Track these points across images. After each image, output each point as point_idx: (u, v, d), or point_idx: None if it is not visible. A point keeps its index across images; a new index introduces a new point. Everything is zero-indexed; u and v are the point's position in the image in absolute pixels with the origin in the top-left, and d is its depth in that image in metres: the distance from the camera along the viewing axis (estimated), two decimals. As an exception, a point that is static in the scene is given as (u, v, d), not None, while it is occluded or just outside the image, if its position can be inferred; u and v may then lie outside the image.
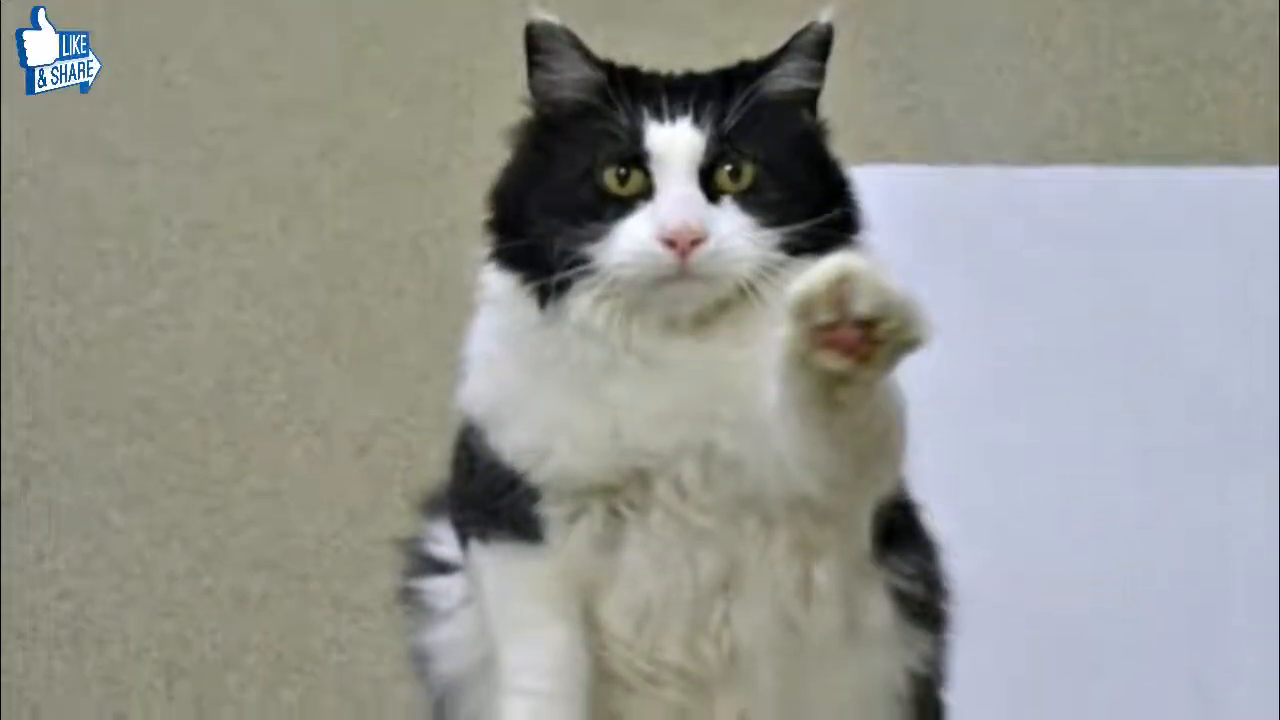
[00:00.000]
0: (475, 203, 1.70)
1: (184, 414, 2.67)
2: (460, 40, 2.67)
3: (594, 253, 1.61)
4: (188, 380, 2.68)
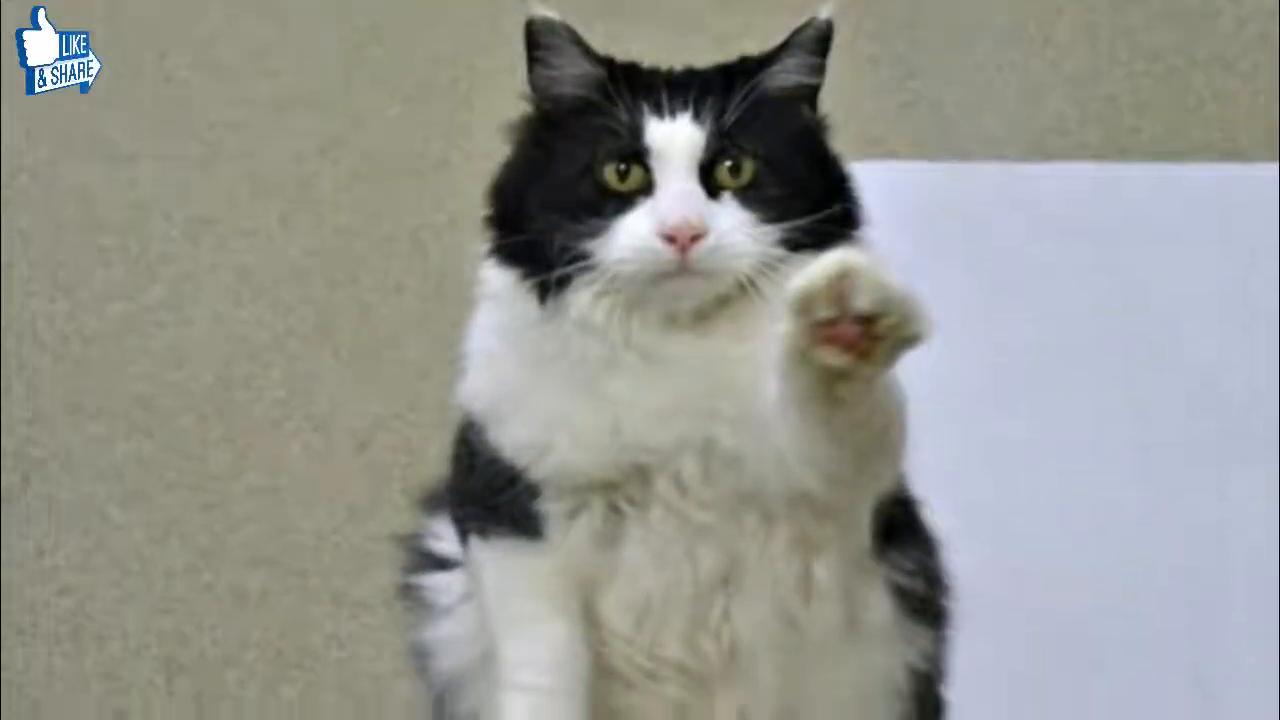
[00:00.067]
0: (475, 198, 1.70)
1: (184, 410, 2.67)
2: (460, 36, 2.67)
3: (594, 248, 1.61)
4: (187, 376, 2.68)
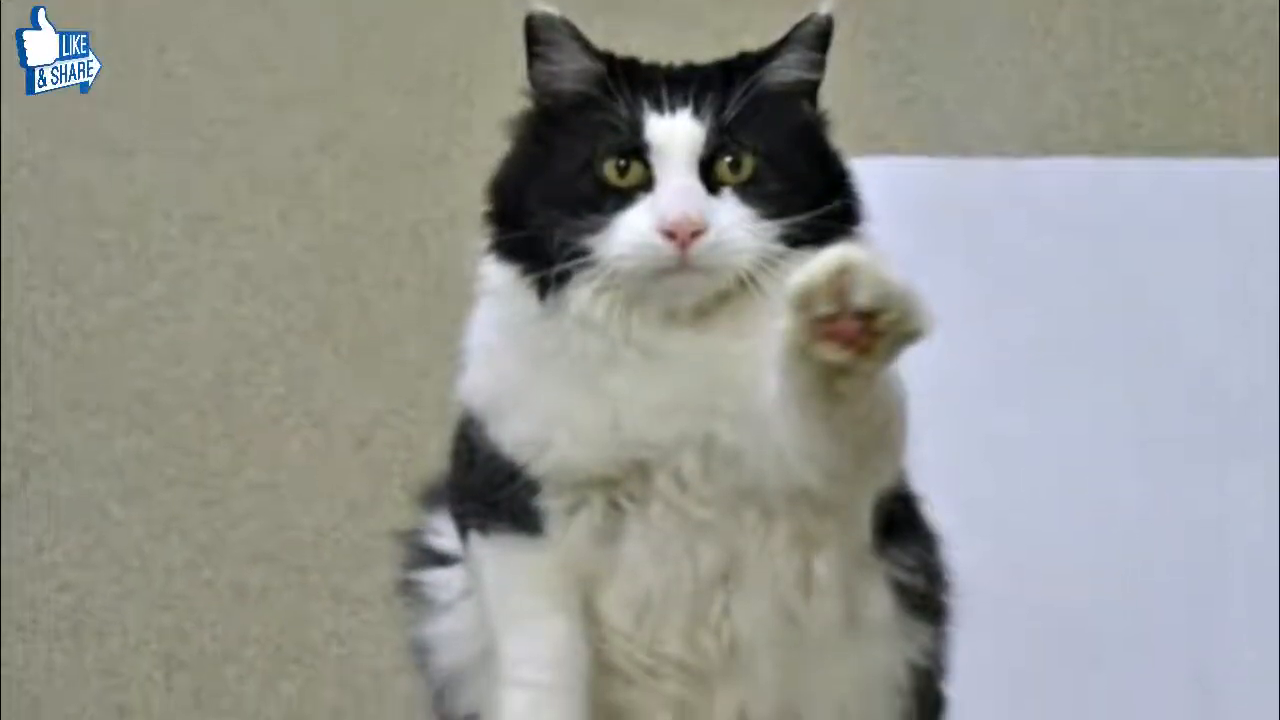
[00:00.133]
0: (475, 194, 1.70)
1: (183, 406, 2.67)
2: (460, 31, 2.67)
3: (594, 244, 1.61)
4: (187, 372, 2.68)
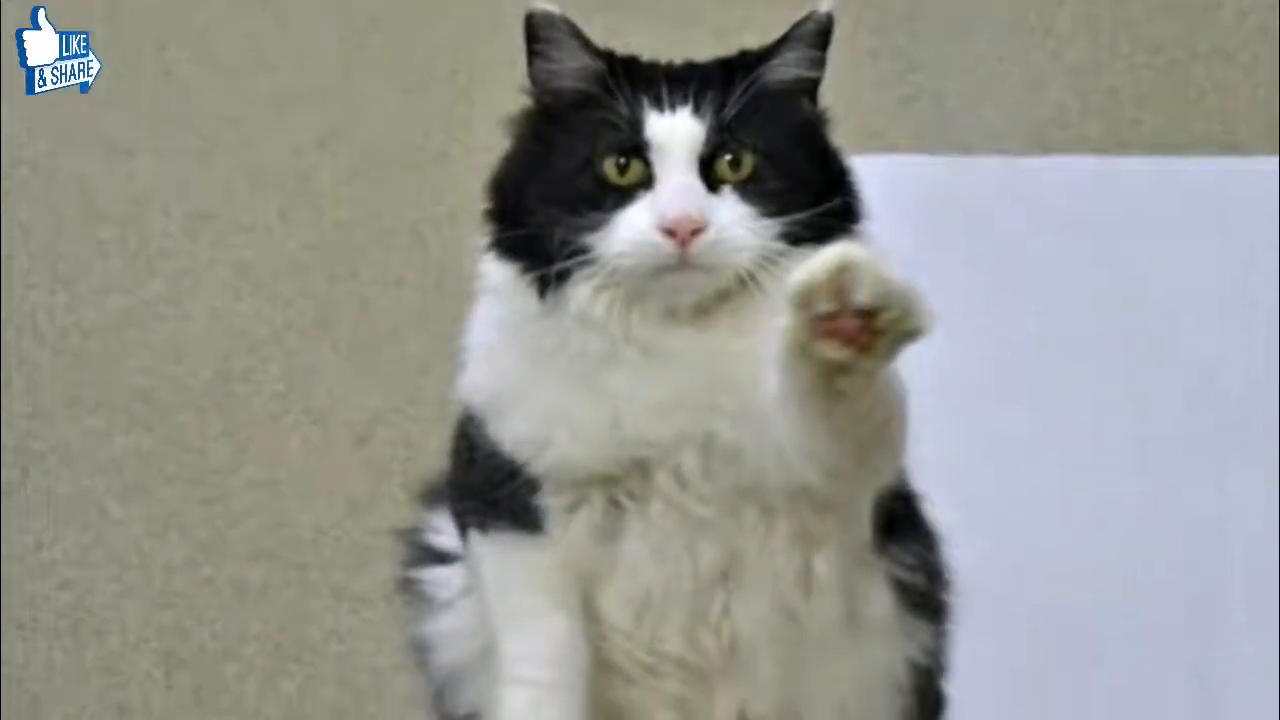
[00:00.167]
0: (475, 192, 1.70)
1: (183, 404, 2.67)
2: (459, 29, 2.67)
3: (594, 242, 1.60)
4: (186, 370, 2.67)
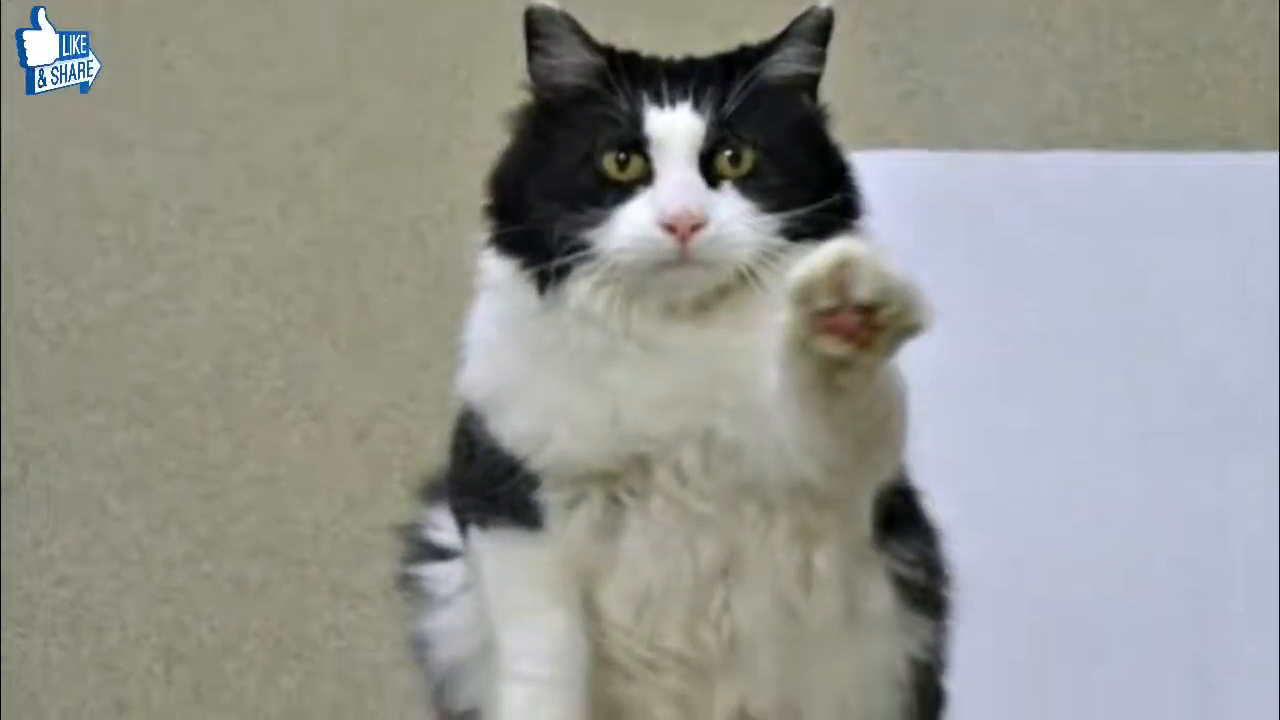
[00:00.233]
0: (475, 187, 1.69)
1: (182, 400, 2.67)
2: (459, 24, 2.66)
3: (594, 238, 1.60)
4: (186, 366, 2.67)
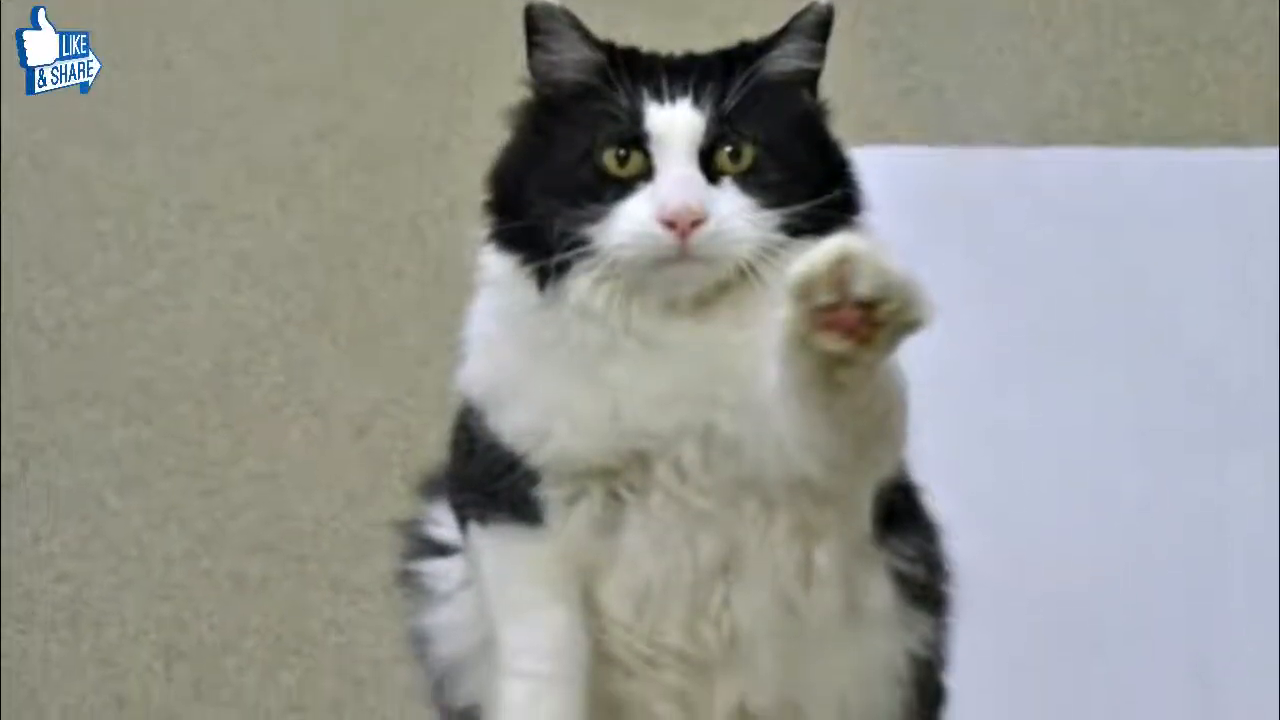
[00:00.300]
0: (474, 183, 1.69)
1: (182, 396, 2.67)
2: (459, 21, 2.66)
3: (593, 234, 1.60)
4: (185, 362, 2.67)
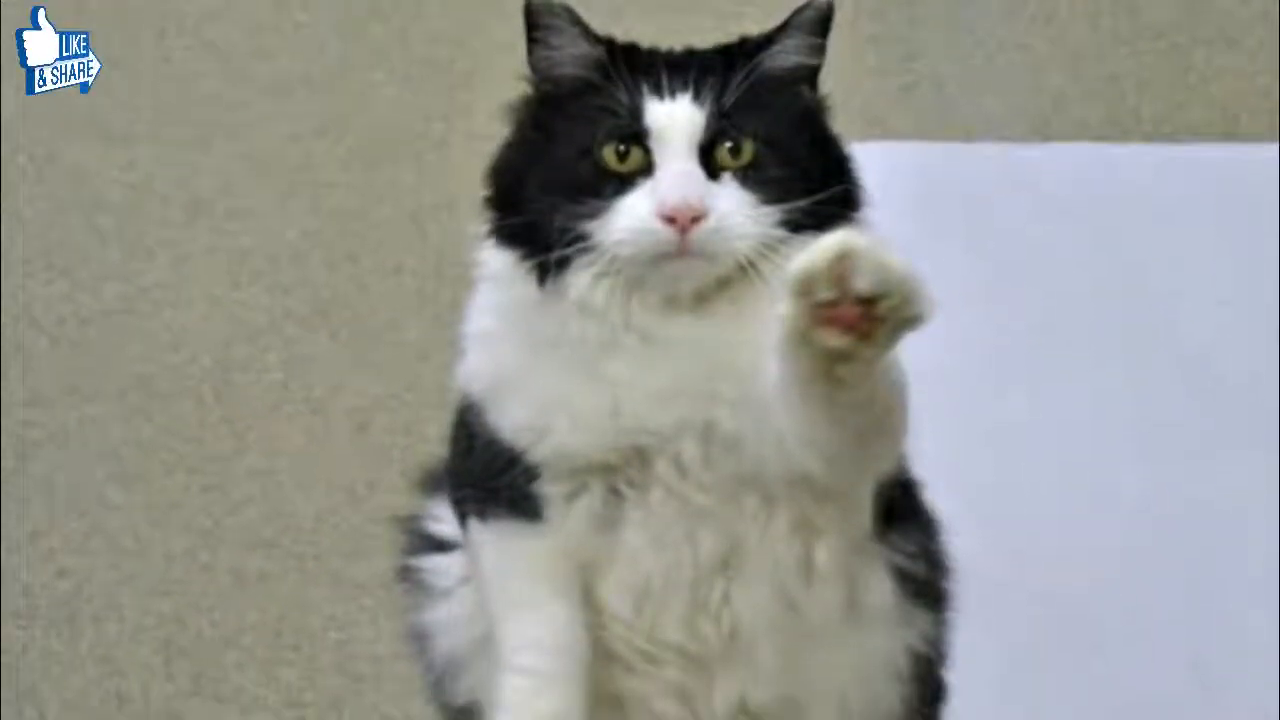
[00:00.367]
0: (474, 179, 1.69)
1: (181, 392, 2.67)
2: (459, 16, 2.66)
3: (593, 230, 1.60)
4: (185, 358, 2.67)
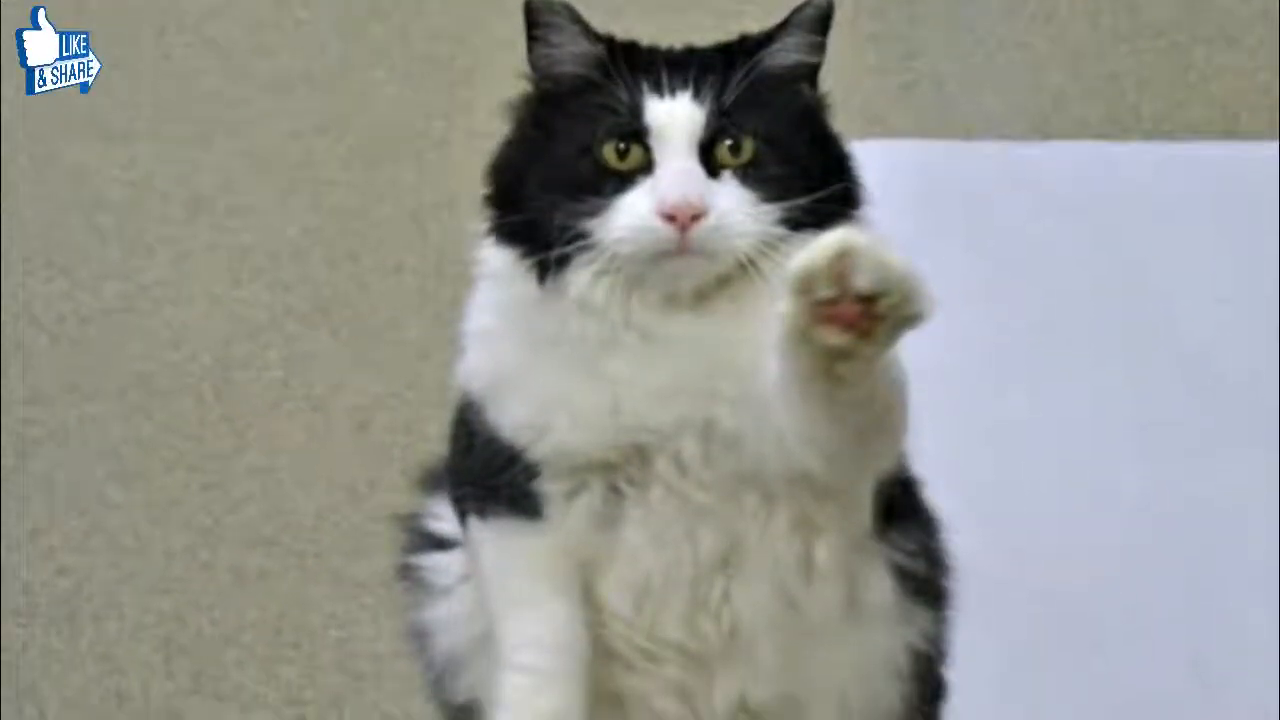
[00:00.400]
0: (474, 177, 1.69)
1: (182, 390, 2.67)
2: (459, 14, 2.66)
3: (593, 228, 1.60)
4: (185, 356, 2.67)
